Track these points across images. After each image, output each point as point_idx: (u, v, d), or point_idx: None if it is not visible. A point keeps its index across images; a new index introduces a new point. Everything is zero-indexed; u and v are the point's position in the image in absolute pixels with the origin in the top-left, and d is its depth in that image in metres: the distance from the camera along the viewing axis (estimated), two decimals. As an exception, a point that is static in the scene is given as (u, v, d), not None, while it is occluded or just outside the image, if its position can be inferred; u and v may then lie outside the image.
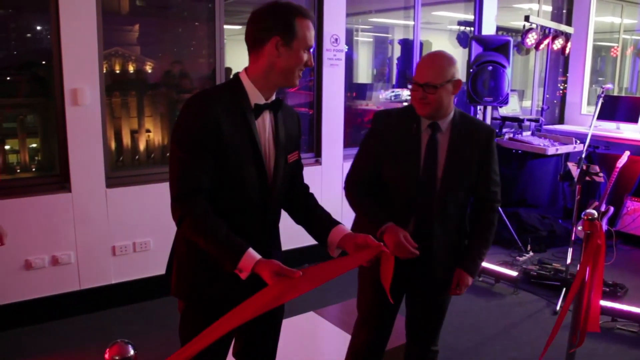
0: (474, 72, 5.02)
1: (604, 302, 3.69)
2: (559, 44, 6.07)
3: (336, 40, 4.88)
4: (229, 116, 1.75)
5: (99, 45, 3.75)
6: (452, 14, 6.50)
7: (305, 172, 2.10)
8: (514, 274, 4.49)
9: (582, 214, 2.94)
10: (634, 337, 3.74)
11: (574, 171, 4.29)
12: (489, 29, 6.15)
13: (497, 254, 5.22)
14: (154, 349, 3.39)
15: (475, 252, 2.36)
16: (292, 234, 2.28)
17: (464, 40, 6.01)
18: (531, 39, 5.70)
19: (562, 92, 7.43)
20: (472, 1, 6.14)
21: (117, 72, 4.18)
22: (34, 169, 3.98)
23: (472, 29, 6.16)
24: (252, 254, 1.69)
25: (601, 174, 4.32)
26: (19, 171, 3.91)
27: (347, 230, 1.93)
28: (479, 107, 5.40)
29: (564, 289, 4.22)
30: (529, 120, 6.21)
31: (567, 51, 6.23)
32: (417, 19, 5.65)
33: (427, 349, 2.55)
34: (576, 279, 2.80)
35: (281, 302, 1.66)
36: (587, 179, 4.34)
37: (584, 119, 7.06)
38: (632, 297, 4.30)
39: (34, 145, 4.03)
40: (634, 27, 8.85)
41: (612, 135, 6.09)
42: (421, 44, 5.81)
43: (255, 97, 1.82)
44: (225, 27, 4.33)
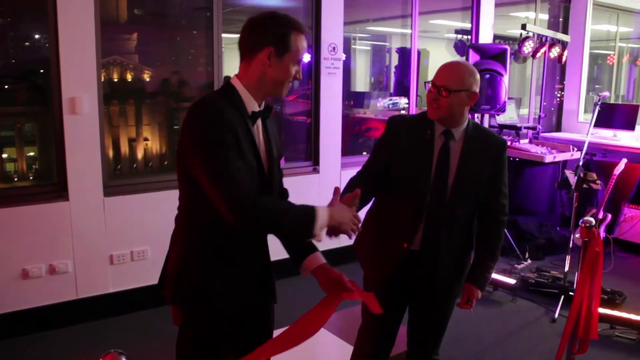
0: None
1: (602, 310, 3.68)
2: (555, 52, 6.10)
3: (334, 48, 4.89)
4: (237, 123, 1.74)
5: (97, 53, 3.75)
6: (450, 22, 6.53)
7: (302, 180, 2.11)
8: (512, 281, 4.49)
9: (580, 221, 2.95)
10: (633, 345, 3.74)
11: (572, 179, 4.29)
12: (486, 37, 6.17)
13: (496, 261, 5.21)
14: (152, 359, 3.37)
15: (483, 266, 2.37)
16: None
17: (461, 48, 6.03)
18: (528, 47, 5.73)
19: (559, 99, 7.45)
20: (469, 10, 6.17)
21: (115, 80, 4.19)
22: (31, 178, 3.98)
23: (469, 37, 6.19)
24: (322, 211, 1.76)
25: (598, 182, 4.33)
26: (16, 180, 3.90)
27: (322, 259, 1.96)
28: (476, 115, 5.40)
29: (562, 297, 4.21)
30: (526, 128, 6.23)
31: (564, 59, 6.27)
32: (415, 27, 5.67)
33: (428, 357, 2.54)
34: (577, 288, 2.80)
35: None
36: (585, 186, 4.34)
37: (581, 127, 7.08)
38: (630, 304, 4.29)
39: (32, 153, 4.03)
40: (629, 35, 8.89)
41: (609, 142, 6.11)
42: (419, 53, 5.83)
43: (250, 104, 1.83)
44: (223, 35, 4.33)
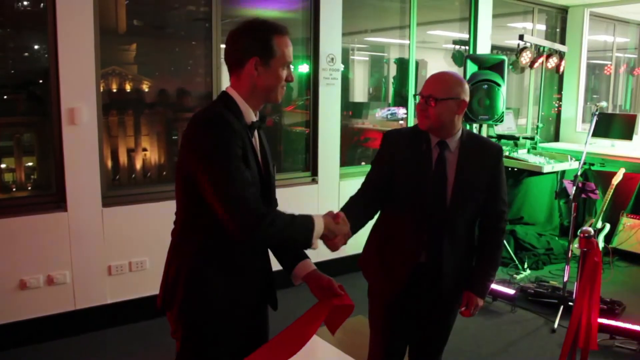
0: (469, 90, 5.04)
1: (602, 320, 3.67)
2: (553, 62, 6.13)
3: (332, 59, 4.91)
4: (241, 133, 1.74)
5: (96, 64, 3.77)
6: (447, 33, 6.56)
7: (301, 191, 2.12)
8: (512, 292, 4.48)
9: (579, 231, 2.95)
10: (633, 355, 3.72)
11: (570, 188, 4.30)
12: (483, 48, 6.20)
13: (495, 271, 5.20)
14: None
15: (483, 274, 2.37)
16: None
17: (459, 59, 6.06)
18: (526, 58, 5.75)
19: (557, 109, 7.48)
20: (467, 20, 6.21)
21: (114, 91, 4.20)
22: (29, 188, 3.97)
23: (467, 47, 6.22)
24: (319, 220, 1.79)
25: (597, 191, 4.34)
26: (14, 190, 3.89)
27: (312, 266, 1.98)
28: (474, 126, 5.42)
29: (562, 307, 4.20)
30: (524, 138, 6.24)
31: (562, 69, 6.29)
32: (413, 38, 5.70)
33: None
34: (576, 298, 2.80)
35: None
36: (583, 196, 4.35)
37: (579, 137, 7.10)
38: (630, 314, 4.28)
39: (30, 163, 4.03)
40: (626, 46, 8.95)
41: (607, 152, 6.12)
42: (417, 63, 5.85)
43: (248, 114, 1.83)
44: (222, 46, 4.35)
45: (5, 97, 3.85)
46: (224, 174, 1.65)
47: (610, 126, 6.25)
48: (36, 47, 3.94)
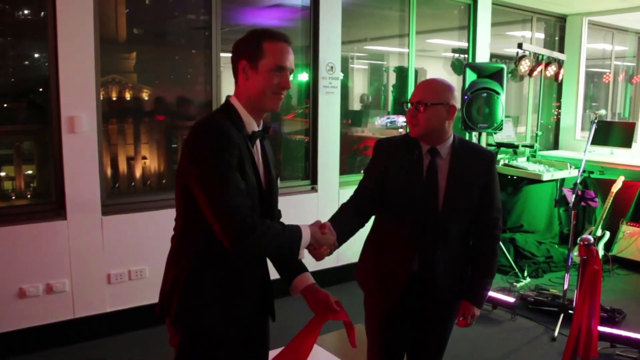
0: (469, 99, 5.06)
1: (602, 328, 3.66)
2: (552, 70, 6.16)
3: (332, 68, 4.93)
4: (240, 143, 1.74)
5: (96, 72, 3.78)
6: (446, 41, 6.59)
7: (301, 199, 2.12)
8: (512, 300, 4.47)
9: (579, 239, 2.95)
10: (634, 364, 3.72)
11: (569, 196, 4.30)
12: (482, 56, 6.22)
13: (494, 280, 5.19)
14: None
15: (479, 283, 2.36)
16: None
17: (458, 67, 6.08)
18: (524, 66, 5.78)
19: (556, 117, 7.49)
20: (466, 29, 6.23)
21: (114, 99, 4.21)
22: (29, 196, 3.97)
23: (466, 56, 6.24)
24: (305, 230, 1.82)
25: (596, 199, 4.34)
26: (14, 198, 3.90)
27: (311, 279, 1.99)
28: (474, 134, 5.43)
29: (562, 315, 4.20)
30: (523, 146, 6.26)
31: (561, 77, 6.31)
32: (412, 46, 5.72)
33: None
34: (577, 306, 2.79)
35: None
36: (583, 204, 4.35)
37: (578, 144, 7.12)
38: (630, 322, 4.27)
39: (30, 172, 4.03)
40: (625, 54, 8.98)
41: (607, 160, 6.13)
42: (416, 72, 5.87)
43: (249, 123, 1.83)
44: (221, 55, 4.37)
45: (5, 105, 3.86)
46: (215, 183, 1.66)
47: (609, 134, 6.27)
48: (36, 55, 3.96)
